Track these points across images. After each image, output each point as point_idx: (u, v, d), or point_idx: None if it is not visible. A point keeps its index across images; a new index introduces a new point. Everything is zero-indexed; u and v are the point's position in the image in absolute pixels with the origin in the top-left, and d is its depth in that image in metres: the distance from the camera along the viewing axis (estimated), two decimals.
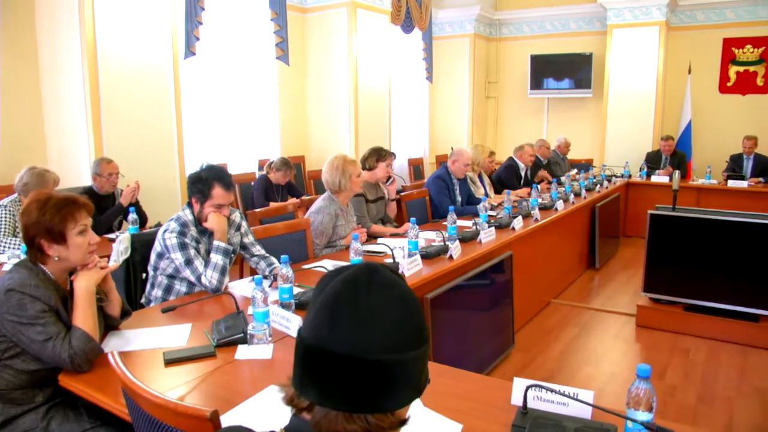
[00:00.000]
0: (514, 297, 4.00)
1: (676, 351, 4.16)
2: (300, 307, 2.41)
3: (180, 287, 2.78)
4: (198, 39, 5.62)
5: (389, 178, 4.50)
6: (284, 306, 2.37)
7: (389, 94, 8.07)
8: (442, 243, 3.43)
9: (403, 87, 8.93)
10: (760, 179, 7.43)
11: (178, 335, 2.17)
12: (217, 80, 6.37)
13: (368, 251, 3.38)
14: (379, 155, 4.34)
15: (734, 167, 7.65)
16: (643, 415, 1.40)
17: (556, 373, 3.80)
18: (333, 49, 7.43)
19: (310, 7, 7.50)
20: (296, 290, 2.49)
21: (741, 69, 8.65)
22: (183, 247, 2.68)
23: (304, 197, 5.45)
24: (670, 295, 4.56)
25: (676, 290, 4.54)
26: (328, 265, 3.00)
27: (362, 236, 3.50)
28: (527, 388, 1.62)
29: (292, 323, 2.18)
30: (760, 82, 8.55)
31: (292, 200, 5.44)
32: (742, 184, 7.25)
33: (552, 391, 1.61)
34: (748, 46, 8.56)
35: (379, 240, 3.74)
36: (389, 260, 3.05)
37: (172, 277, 2.77)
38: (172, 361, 1.94)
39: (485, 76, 10.23)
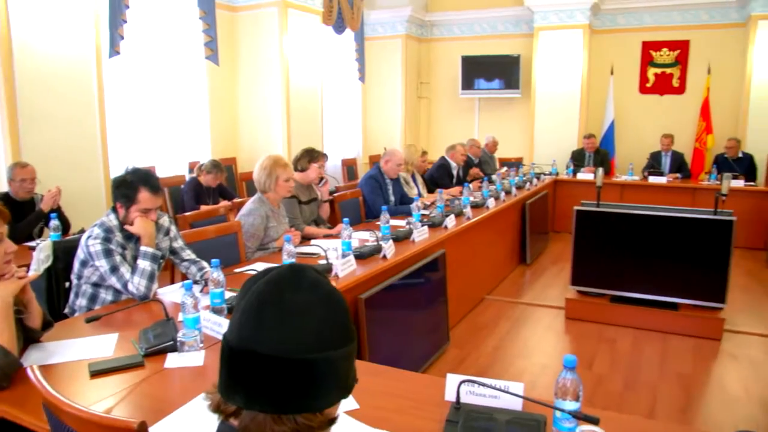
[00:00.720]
0: (448, 294, 4.05)
1: (603, 341, 4.33)
2: (232, 311, 2.37)
3: (106, 296, 2.68)
4: (123, 38, 5.42)
5: (321, 179, 4.49)
6: (216, 311, 2.33)
7: (322, 94, 8.03)
8: (376, 243, 3.44)
9: (336, 87, 8.92)
10: (677, 175, 7.85)
11: (104, 346, 2.09)
12: (145, 80, 6.18)
13: (301, 253, 3.36)
14: (311, 156, 4.31)
15: (653, 164, 8.05)
16: (570, 405, 1.44)
17: (490, 367, 3.88)
18: (264, 49, 7.33)
19: (240, 6, 7.38)
20: (228, 294, 2.45)
21: (659, 71, 9.08)
22: (108, 253, 2.58)
23: (236, 200, 5.36)
24: (597, 287, 4.74)
25: (603, 283, 4.72)
26: (261, 267, 2.96)
27: (295, 238, 3.47)
28: (460, 383, 1.65)
29: (223, 328, 2.14)
30: (675, 83, 9.00)
31: (224, 203, 5.34)
32: (661, 180, 7.63)
33: (484, 385, 1.65)
34: (665, 49, 9.00)
35: (313, 241, 3.72)
36: (323, 261, 3.04)
37: (97, 285, 2.67)
38: (98, 372, 1.86)
39: (417, 77, 10.34)
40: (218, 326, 2.18)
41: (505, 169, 7.61)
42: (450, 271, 4.09)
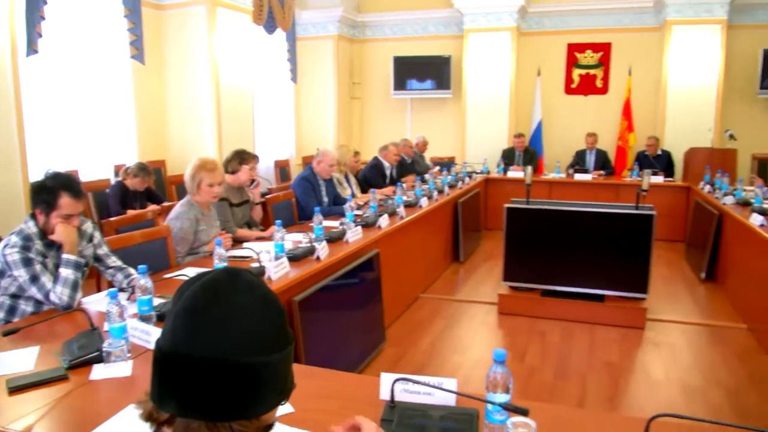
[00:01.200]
0: (383, 294, 4.08)
1: (534, 334, 4.45)
2: (161, 318, 2.30)
3: (26, 307, 2.55)
4: (41, 36, 5.18)
5: (253, 181, 4.42)
6: (144, 319, 2.26)
7: (253, 95, 7.92)
8: (309, 244, 3.43)
9: (268, 88, 8.81)
10: (602, 172, 8.17)
11: (24, 360, 1.99)
12: (66, 80, 5.91)
13: (233, 256, 3.31)
14: (241, 158, 4.25)
15: (579, 162, 8.35)
16: (501, 397, 1.48)
17: (426, 364, 3.93)
18: (192, 49, 7.16)
19: (167, 4, 7.18)
20: (157, 301, 2.38)
21: (583, 72, 9.42)
22: (27, 262, 2.46)
23: (165, 203, 5.22)
24: (528, 282, 4.88)
25: (533, 277, 4.87)
26: (191, 273, 2.90)
27: (226, 241, 3.40)
28: (394, 382, 1.67)
29: (152, 336, 2.08)
30: (599, 84, 9.37)
31: (152, 207, 5.18)
32: (587, 177, 7.93)
33: (417, 382, 1.67)
34: (589, 51, 9.35)
35: (245, 244, 3.66)
36: (255, 264, 3.00)
37: (15, 296, 2.54)
38: (17, 388, 1.77)
39: (350, 77, 10.34)
40: (147, 335, 2.11)
41: (437, 168, 7.72)
42: (384, 271, 4.11)
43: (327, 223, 3.94)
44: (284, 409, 1.66)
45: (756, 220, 4.68)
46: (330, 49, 9.80)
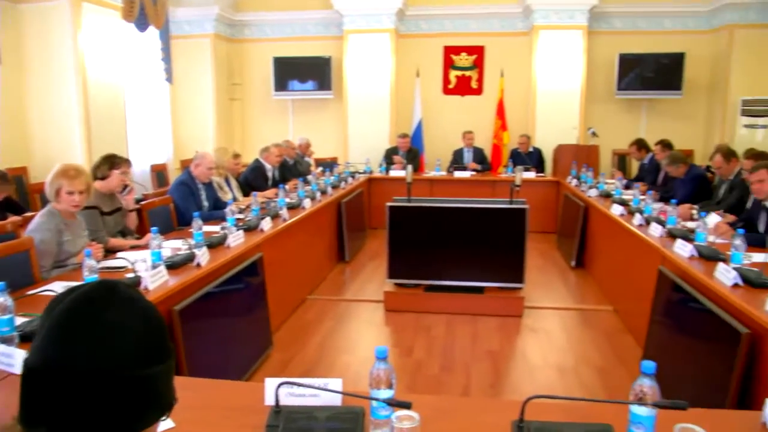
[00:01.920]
0: (268, 298, 4.01)
1: (420, 329, 4.56)
2: (26, 339, 2.12)
3: None
4: None
5: (126, 186, 4.19)
6: (4, 340, 2.07)
7: (125, 96, 7.51)
8: (189, 251, 3.30)
9: (142, 89, 8.37)
10: (478, 166, 8.53)
11: None
12: None
13: (106, 267, 3.11)
14: (111, 163, 4.01)
15: (457, 160, 8.66)
16: (385, 393, 1.50)
17: (316, 366, 3.91)
18: (56, 47, 6.68)
19: None
20: (20, 320, 2.19)
21: (459, 73, 9.77)
22: None
23: (27, 214, 4.82)
24: (412, 278, 5.00)
25: (417, 274, 4.99)
26: (59, 287, 2.69)
27: (97, 252, 3.20)
28: (278, 386, 1.64)
29: (16, 359, 1.92)
30: (474, 84, 9.76)
31: (12, 218, 4.77)
32: (465, 174, 8.24)
33: (301, 385, 1.65)
34: (464, 54, 9.71)
35: (119, 254, 3.46)
36: (131, 275, 2.84)
37: None
38: None
39: (229, 78, 10.06)
40: (9, 357, 1.94)
41: (320, 169, 7.71)
42: (269, 274, 4.05)
43: (207, 228, 3.82)
44: (165, 424, 1.59)
45: (616, 210, 5.08)
46: (207, 48, 9.48)
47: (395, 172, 8.21)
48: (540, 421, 1.52)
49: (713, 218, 4.36)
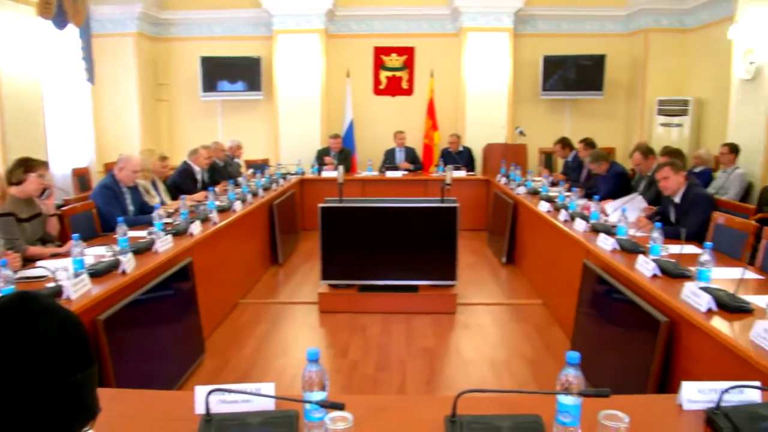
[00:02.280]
0: (199, 303, 3.92)
1: (355, 329, 4.56)
2: None
3: None
4: None
5: (44, 190, 4.00)
6: None
7: (43, 97, 7.16)
8: (113, 258, 3.18)
9: (62, 89, 7.99)
10: (410, 166, 8.60)
11: None
12: None
13: (23, 278, 2.95)
14: (26, 166, 3.80)
15: (389, 159, 8.71)
16: (317, 395, 1.49)
17: (250, 370, 3.85)
18: None
19: None
20: None
21: (390, 74, 9.84)
22: None
23: None
24: (346, 279, 5.00)
25: (351, 274, 4.99)
26: None
27: (13, 261, 3.03)
28: (208, 394, 1.60)
29: None
30: (405, 85, 9.85)
31: None
32: (397, 174, 8.30)
33: (232, 391, 1.62)
34: (394, 55, 9.78)
35: (38, 263, 3.29)
36: (51, 284, 2.71)
37: None
38: None
39: (154, 78, 9.75)
40: None
41: (251, 171, 7.59)
42: (199, 279, 3.96)
43: (133, 233, 3.69)
44: None
45: (543, 207, 5.24)
46: (130, 47, 9.14)
47: (327, 173, 8.18)
48: (472, 415, 1.54)
49: (633, 213, 4.57)
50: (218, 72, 9.55)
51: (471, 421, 1.51)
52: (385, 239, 4.93)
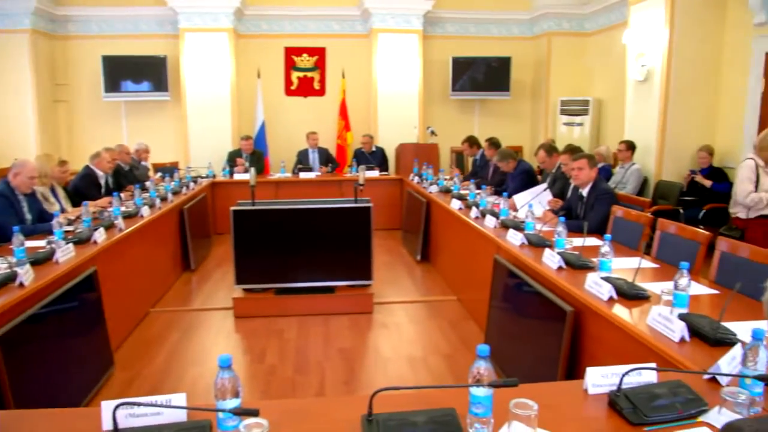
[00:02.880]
0: (106, 315, 3.74)
1: (272, 333, 4.51)
2: None
3: None
4: None
5: None
6: None
7: None
8: (9, 270, 2.98)
9: None
10: (326, 168, 8.57)
11: None
12: None
13: None
14: None
15: (303, 160, 8.64)
16: (231, 403, 1.46)
17: (163, 381, 3.72)
18: None
19: None
20: None
21: (301, 75, 9.78)
22: None
23: None
24: (261, 282, 4.92)
25: (266, 277, 4.92)
26: None
27: None
28: (115, 408, 1.54)
29: None
30: (316, 86, 9.82)
31: None
32: (310, 175, 8.26)
33: (141, 404, 1.56)
34: (305, 55, 9.73)
35: None
36: None
37: None
38: None
39: (52, 78, 9.21)
40: None
41: (159, 175, 7.33)
42: (105, 289, 3.78)
43: (31, 243, 3.48)
44: None
45: (455, 204, 5.36)
46: (24, 45, 8.58)
47: (239, 176, 8.02)
48: (388, 412, 1.56)
49: (540, 208, 4.77)
50: (122, 71, 9.16)
51: (387, 418, 1.53)
52: (299, 241, 4.89)
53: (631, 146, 6.93)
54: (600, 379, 1.75)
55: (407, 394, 1.95)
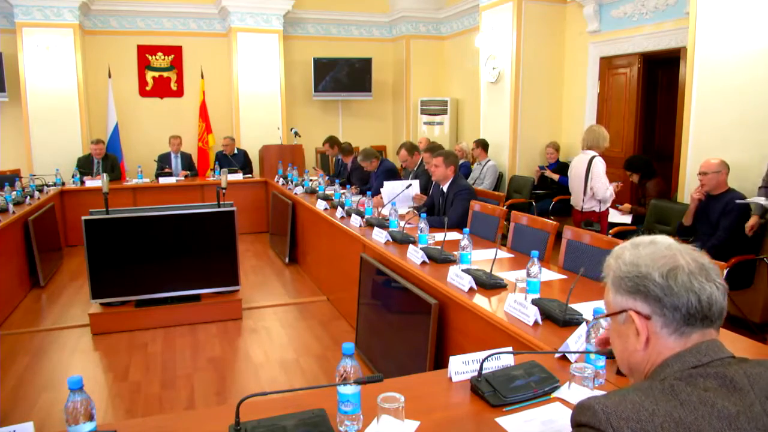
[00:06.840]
0: None
1: (135, 348, 4.27)
2: None
3: None
4: None
5: None
6: None
7: None
8: None
9: None
10: (187, 173, 8.24)
11: None
12: None
13: None
14: None
15: (163, 165, 8.24)
16: (86, 427, 1.37)
17: (11, 411, 3.40)
18: None
19: None
20: None
21: (156, 74, 9.32)
22: None
23: None
24: (120, 295, 4.65)
25: (125, 290, 4.65)
26: None
27: None
28: None
29: None
30: (174, 86, 9.41)
31: None
32: (172, 180, 7.90)
33: None
34: (160, 54, 9.28)
35: None
36: None
37: None
38: None
39: None
40: None
41: None
42: None
43: None
44: None
45: (321, 205, 5.38)
46: None
47: (92, 183, 7.49)
48: (257, 419, 1.54)
49: (404, 204, 4.92)
50: None
51: (255, 426, 1.51)
52: (160, 249, 4.67)
53: (482, 144, 7.35)
54: (462, 366, 1.84)
55: (277, 398, 1.92)
